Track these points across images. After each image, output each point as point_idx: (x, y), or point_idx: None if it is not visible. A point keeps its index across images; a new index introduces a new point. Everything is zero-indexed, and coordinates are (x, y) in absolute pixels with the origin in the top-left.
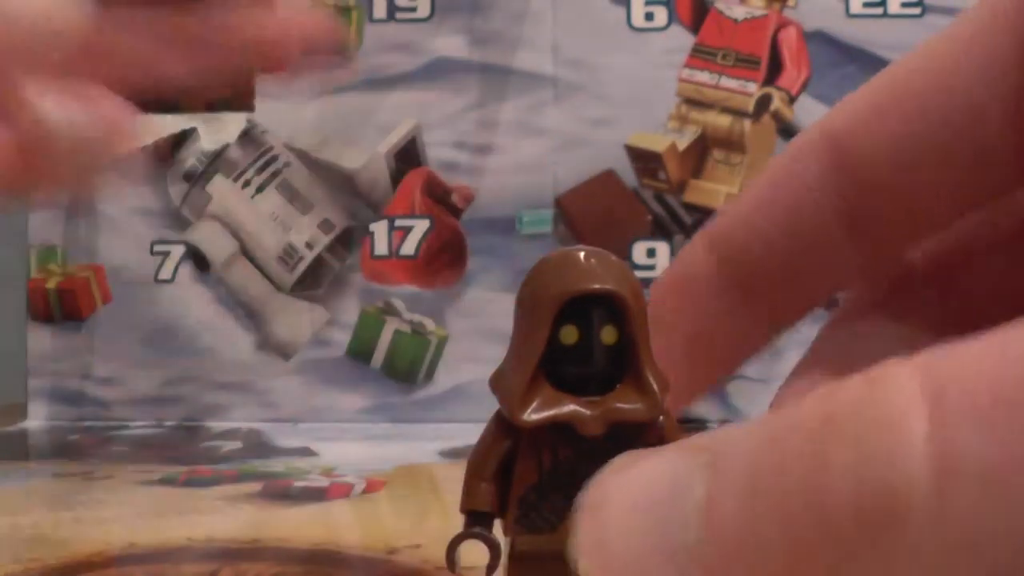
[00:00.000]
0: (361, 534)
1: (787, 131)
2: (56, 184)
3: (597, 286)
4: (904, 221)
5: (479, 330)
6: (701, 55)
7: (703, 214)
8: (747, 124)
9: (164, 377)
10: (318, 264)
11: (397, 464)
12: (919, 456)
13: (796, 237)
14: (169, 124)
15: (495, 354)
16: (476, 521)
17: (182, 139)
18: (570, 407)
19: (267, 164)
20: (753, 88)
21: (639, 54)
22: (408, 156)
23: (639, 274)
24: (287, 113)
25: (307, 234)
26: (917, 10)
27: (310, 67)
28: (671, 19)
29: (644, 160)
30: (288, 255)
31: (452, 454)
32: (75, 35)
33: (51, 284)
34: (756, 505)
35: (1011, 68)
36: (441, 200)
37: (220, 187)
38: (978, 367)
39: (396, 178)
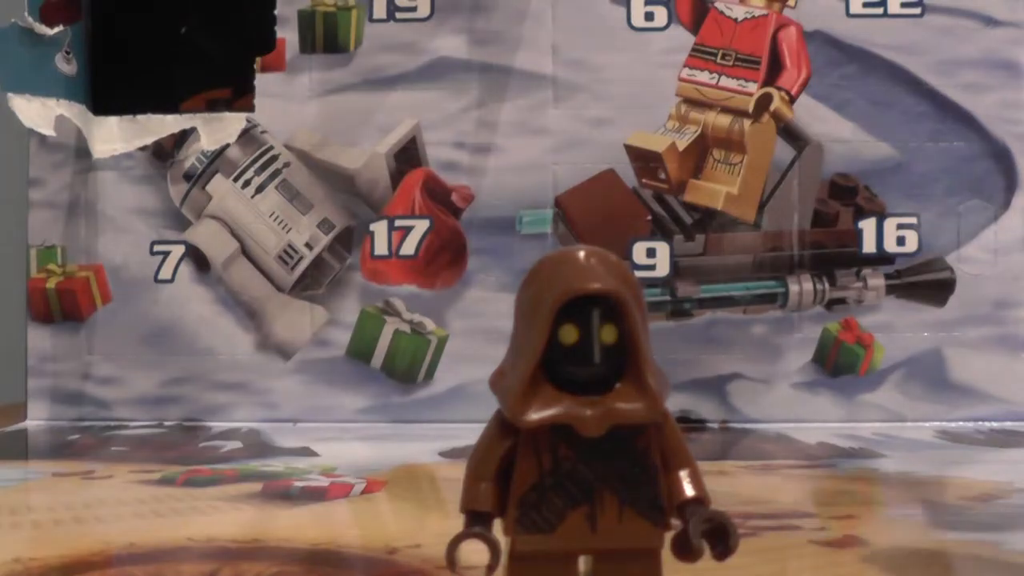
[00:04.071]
0: (361, 534)
1: (787, 131)
2: None
3: (597, 286)
4: None
5: (479, 330)
6: (701, 55)
7: (703, 214)
8: (747, 124)
9: (164, 377)
10: (318, 264)
11: (397, 464)
12: None
13: None
14: (169, 124)
15: (495, 354)
16: (476, 521)
17: (182, 139)
18: (570, 407)
19: (267, 164)
20: (753, 88)
21: (639, 54)
22: (408, 156)
23: (639, 274)
24: (287, 113)
25: (307, 234)
26: (917, 10)
27: None
28: (671, 19)
29: (644, 160)
30: (288, 255)
31: (452, 454)
32: None
33: (51, 284)
34: None
35: None
36: (441, 200)
37: (220, 187)
38: None
39: (396, 178)
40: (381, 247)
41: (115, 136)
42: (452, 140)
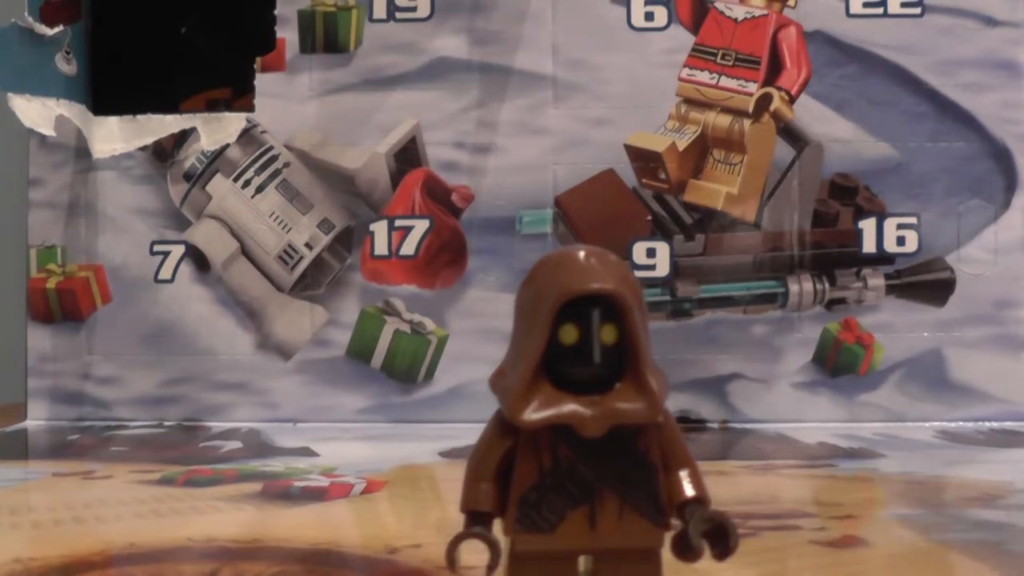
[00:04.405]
0: (361, 534)
1: (787, 131)
2: None
3: (596, 286)
4: None
5: (479, 330)
6: (701, 55)
7: (703, 214)
8: (747, 124)
9: (164, 377)
10: (318, 264)
11: (397, 464)
12: None
13: None
14: (169, 124)
15: (495, 354)
16: (476, 521)
17: (182, 139)
18: (570, 407)
19: (267, 164)
20: (753, 88)
21: (639, 54)
22: (408, 156)
23: (639, 274)
24: (287, 113)
25: (307, 234)
26: (917, 10)
27: None
28: (671, 19)
29: (644, 160)
30: (288, 255)
31: (452, 454)
32: None
33: (51, 284)
34: None
35: None
36: (441, 200)
37: (220, 187)
38: None
39: (396, 178)
40: (381, 247)
41: (115, 136)
42: (452, 140)
